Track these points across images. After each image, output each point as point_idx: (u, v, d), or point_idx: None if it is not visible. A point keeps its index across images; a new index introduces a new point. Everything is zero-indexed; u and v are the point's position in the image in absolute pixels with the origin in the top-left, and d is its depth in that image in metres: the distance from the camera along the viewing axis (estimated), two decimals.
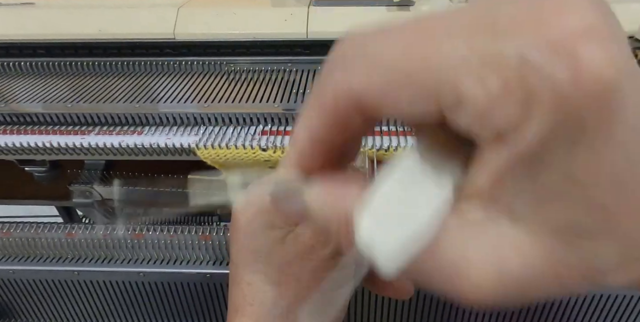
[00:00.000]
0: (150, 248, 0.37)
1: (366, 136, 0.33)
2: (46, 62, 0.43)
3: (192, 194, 0.25)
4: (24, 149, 0.33)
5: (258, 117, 0.34)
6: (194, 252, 0.37)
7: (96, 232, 0.38)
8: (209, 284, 0.38)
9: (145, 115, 0.35)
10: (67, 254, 0.38)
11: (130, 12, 0.43)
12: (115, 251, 0.38)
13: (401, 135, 0.33)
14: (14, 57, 0.45)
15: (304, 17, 0.41)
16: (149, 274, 0.37)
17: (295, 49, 0.43)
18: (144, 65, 0.42)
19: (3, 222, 0.39)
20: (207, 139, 0.33)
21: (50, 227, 0.38)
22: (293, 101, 0.35)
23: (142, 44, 0.43)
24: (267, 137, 0.33)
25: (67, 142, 0.33)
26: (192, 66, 0.42)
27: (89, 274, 0.37)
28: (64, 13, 0.43)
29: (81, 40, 0.43)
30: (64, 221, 0.57)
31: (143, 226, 0.37)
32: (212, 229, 0.37)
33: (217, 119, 0.34)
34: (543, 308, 0.36)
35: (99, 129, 0.35)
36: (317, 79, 0.39)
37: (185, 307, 0.40)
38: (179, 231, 0.37)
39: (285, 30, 0.41)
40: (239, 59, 0.43)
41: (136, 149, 0.33)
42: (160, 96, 0.37)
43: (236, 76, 0.41)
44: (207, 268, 0.36)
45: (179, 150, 0.33)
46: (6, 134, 0.35)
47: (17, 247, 0.38)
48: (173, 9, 0.43)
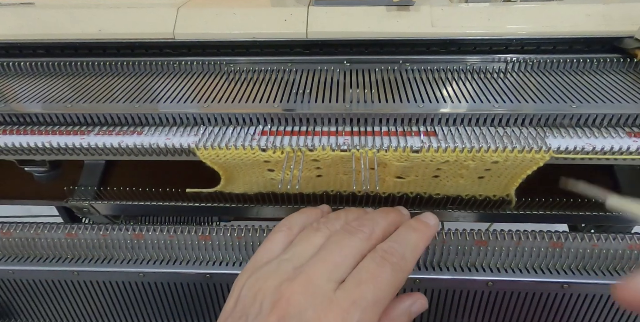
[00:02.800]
0: (150, 248, 0.37)
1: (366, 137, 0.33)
2: (46, 62, 0.43)
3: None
4: (24, 149, 0.33)
5: (258, 117, 0.34)
6: (194, 252, 0.37)
7: (96, 232, 0.38)
8: (209, 284, 0.38)
9: (145, 115, 0.35)
10: (67, 254, 0.38)
11: (130, 12, 0.43)
12: (115, 251, 0.38)
13: (401, 136, 0.33)
14: (14, 57, 0.45)
15: (304, 17, 0.41)
16: (149, 274, 0.37)
17: (295, 49, 0.43)
18: (144, 65, 0.42)
19: (3, 222, 0.39)
20: (207, 140, 0.33)
21: (50, 228, 0.38)
22: (293, 101, 0.35)
23: (142, 44, 0.43)
24: (267, 138, 0.33)
25: (67, 142, 0.33)
26: (192, 66, 0.42)
27: (89, 274, 0.38)
28: (64, 13, 0.43)
29: (81, 41, 0.43)
30: (64, 221, 0.57)
31: (143, 227, 0.38)
32: (212, 229, 0.37)
33: (217, 119, 0.34)
34: (543, 309, 0.36)
35: (99, 130, 0.35)
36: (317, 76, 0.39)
37: (185, 308, 0.40)
38: (179, 232, 0.37)
39: (285, 31, 0.41)
40: (239, 59, 0.43)
41: (136, 149, 0.33)
42: (160, 96, 0.37)
43: (236, 76, 0.41)
44: (207, 268, 0.37)
45: (178, 151, 0.33)
46: (6, 134, 0.35)
47: (17, 248, 0.38)
48: (173, 9, 0.43)
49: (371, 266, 0.26)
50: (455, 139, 0.32)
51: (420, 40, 0.41)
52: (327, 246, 0.29)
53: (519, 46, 0.41)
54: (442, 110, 0.33)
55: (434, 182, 0.35)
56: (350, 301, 0.25)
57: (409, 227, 0.29)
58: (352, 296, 0.25)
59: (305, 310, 0.25)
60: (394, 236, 0.29)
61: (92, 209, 0.42)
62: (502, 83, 0.38)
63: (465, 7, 0.42)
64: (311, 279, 0.26)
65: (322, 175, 0.35)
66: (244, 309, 0.26)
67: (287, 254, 0.29)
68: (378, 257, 0.27)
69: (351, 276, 0.26)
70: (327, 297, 0.25)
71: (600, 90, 0.36)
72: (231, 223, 0.43)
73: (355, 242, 0.28)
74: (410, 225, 0.30)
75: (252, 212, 0.42)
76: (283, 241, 0.31)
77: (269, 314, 0.25)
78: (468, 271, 0.35)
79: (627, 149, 0.30)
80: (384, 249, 0.27)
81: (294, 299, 0.25)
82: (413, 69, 0.41)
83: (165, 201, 0.41)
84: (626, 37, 0.40)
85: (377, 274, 0.26)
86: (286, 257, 0.29)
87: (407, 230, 0.29)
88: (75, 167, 0.44)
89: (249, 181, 0.37)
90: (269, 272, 0.27)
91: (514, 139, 0.32)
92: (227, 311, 0.27)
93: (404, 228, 0.29)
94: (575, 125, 0.33)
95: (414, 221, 0.30)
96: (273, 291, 0.26)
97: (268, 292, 0.26)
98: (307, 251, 0.29)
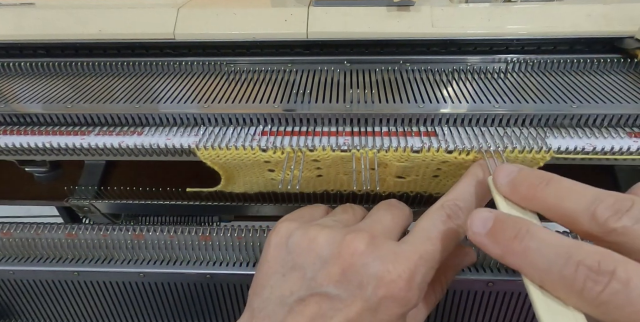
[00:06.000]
0: (151, 248, 0.37)
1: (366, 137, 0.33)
2: (46, 63, 0.43)
3: None
4: (24, 149, 0.33)
5: (258, 117, 0.34)
6: (194, 252, 0.37)
7: (96, 232, 0.38)
8: (209, 284, 0.38)
9: (145, 115, 0.35)
10: (67, 254, 0.38)
11: (130, 12, 0.43)
12: (115, 251, 0.38)
13: (401, 136, 0.33)
14: (14, 57, 0.45)
15: (304, 17, 0.41)
16: (149, 274, 0.37)
17: (295, 49, 0.43)
18: (144, 65, 0.42)
19: (3, 223, 0.39)
20: (207, 140, 0.33)
21: (50, 228, 0.38)
22: (293, 101, 0.35)
23: (142, 44, 0.43)
24: (267, 138, 0.33)
25: (67, 142, 0.33)
26: (192, 66, 0.42)
27: (89, 274, 0.38)
28: (64, 13, 0.43)
29: (81, 41, 0.43)
30: (64, 221, 0.57)
31: (143, 227, 0.38)
32: (212, 229, 0.37)
33: (217, 119, 0.34)
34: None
35: (99, 130, 0.35)
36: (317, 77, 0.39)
37: (185, 308, 0.40)
38: (179, 231, 0.37)
39: (285, 31, 0.41)
40: (239, 59, 0.43)
41: (136, 149, 0.33)
42: (160, 96, 0.37)
43: (236, 76, 0.41)
44: (207, 268, 0.37)
45: (178, 151, 0.33)
46: (6, 134, 0.35)
47: (17, 248, 0.38)
48: (173, 9, 0.43)
49: (438, 224, 0.26)
50: (455, 139, 0.32)
51: (420, 40, 0.41)
52: (376, 211, 0.29)
53: (519, 46, 0.42)
54: (442, 110, 0.33)
55: (434, 181, 0.35)
56: (417, 254, 0.24)
57: (474, 178, 0.28)
58: (419, 250, 0.24)
59: (372, 261, 0.24)
60: (458, 189, 0.27)
61: (93, 207, 0.42)
62: (502, 83, 0.38)
63: (465, 7, 0.42)
64: (372, 234, 0.25)
65: (322, 175, 0.35)
66: (297, 258, 0.25)
67: (335, 217, 0.29)
68: (444, 215, 0.26)
69: (416, 231, 0.26)
70: (392, 250, 0.25)
71: (600, 90, 0.36)
72: (231, 223, 0.43)
73: (400, 213, 0.29)
74: (475, 174, 0.28)
75: (252, 211, 0.42)
76: (321, 211, 0.31)
77: (333, 264, 0.24)
78: (468, 271, 0.35)
79: (627, 149, 0.30)
80: (449, 207, 0.26)
81: (360, 250, 0.24)
82: (413, 69, 0.41)
83: (165, 200, 0.41)
84: (626, 37, 0.40)
85: (443, 232, 0.25)
86: (335, 218, 0.29)
87: (471, 181, 0.27)
88: (75, 167, 0.44)
89: (249, 181, 0.37)
90: (321, 226, 0.27)
91: (514, 139, 0.32)
92: (271, 262, 0.26)
93: (468, 178, 0.28)
94: (575, 125, 0.33)
95: (479, 169, 0.28)
96: (333, 243, 0.25)
97: (326, 244, 0.25)
98: (351, 219, 0.29)
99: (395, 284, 0.23)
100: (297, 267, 0.25)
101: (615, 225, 0.19)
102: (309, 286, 0.24)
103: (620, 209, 0.20)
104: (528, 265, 0.20)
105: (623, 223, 0.19)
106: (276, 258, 0.26)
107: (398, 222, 0.28)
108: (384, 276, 0.23)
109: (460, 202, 0.27)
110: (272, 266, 0.26)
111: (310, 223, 0.27)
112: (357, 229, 0.26)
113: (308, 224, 0.27)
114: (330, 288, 0.24)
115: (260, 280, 0.26)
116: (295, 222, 0.28)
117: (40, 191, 0.45)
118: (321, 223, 0.28)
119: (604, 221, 0.20)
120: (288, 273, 0.25)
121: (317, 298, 0.24)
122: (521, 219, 0.22)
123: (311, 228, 0.26)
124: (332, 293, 0.24)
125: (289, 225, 0.27)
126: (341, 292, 0.24)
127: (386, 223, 0.28)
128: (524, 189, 0.23)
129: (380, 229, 0.27)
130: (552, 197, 0.22)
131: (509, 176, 0.24)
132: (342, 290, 0.24)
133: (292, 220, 0.28)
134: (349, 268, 0.24)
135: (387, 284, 0.23)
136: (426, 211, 0.27)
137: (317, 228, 0.26)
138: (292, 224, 0.27)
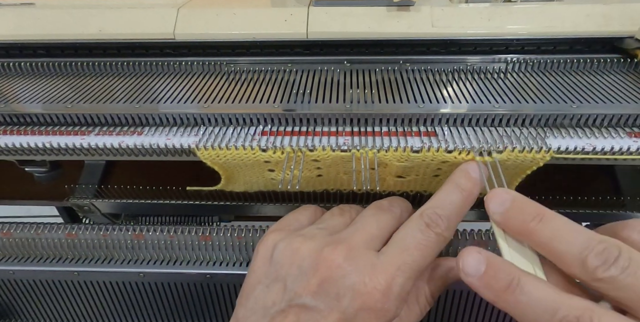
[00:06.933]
0: (150, 248, 0.37)
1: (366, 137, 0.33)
2: (46, 63, 0.43)
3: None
4: (24, 149, 0.33)
5: (258, 117, 0.34)
6: (194, 252, 0.37)
7: (96, 232, 0.38)
8: (209, 284, 0.38)
9: (145, 115, 0.35)
10: (67, 254, 0.38)
11: (130, 12, 0.43)
12: (115, 251, 0.38)
13: (401, 136, 0.33)
14: (14, 57, 0.45)
15: (304, 17, 0.41)
16: (149, 274, 0.37)
17: (295, 49, 0.43)
18: (144, 65, 0.42)
19: (3, 223, 0.39)
20: (207, 140, 0.33)
21: (50, 228, 0.38)
22: (293, 101, 0.35)
23: (142, 44, 0.43)
24: (267, 138, 0.33)
25: (67, 142, 0.33)
26: (192, 66, 0.42)
27: (89, 274, 0.38)
28: (64, 13, 0.43)
29: (81, 41, 0.43)
30: (64, 221, 0.57)
31: (143, 227, 0.38)
32: (212, 229, 0.37)
33: (217, 119, 0.34)
34: None
35: (99, 130, 0.35)
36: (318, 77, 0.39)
37: (185, 308, 0.40)
38: (179, 231, 0.37)
39: (285, 31, 0.41)
40: (239, 59, 0.43)
41: (136, 149, 0.33)
42: (160, 96, 0.37)
43: (236, 76, 0.41)
44: (207, 268, 0.37)
45: (178, 151, 0.33)
46: (6, 134, 0.35)
47: (17, 248, 0.38)
48: (173, 9, 0.43)
49: (416, 233, 0.26)
50: (455, 138, 0.32)
51: (420, 40, 0.41)
52: (362, 218, 0.29)
53: (519, 46, 0.42)
54: (442, 110, 0.33)
55: (434, 181, 0.35)
56: (395, 266, 0.25)
57: (455, 186, 0.28)
58: (396, 261, 0.25)
59: (349, 273, 0.24)
60: (439, 197, 0.28)
61: (93, 207, 0.42)
62: (502, 83, 0.38)
63: (465, 7, 0.42)
64: (352, 245, 0.26)
65: (322, 174, 0.35)
66: (280, 269, 0.26)
67: (321, 224, 0.29)
68: (423, 224, 0.26)
69: (394, 241, 0.26)
70: (370, 261, 0.25)
71: (600, 90, 0.36)
72: (231, 223, 0.43)
73: (387, 217, 0.29)
74: (456, 183, 0.28)
75: (252, 211, 0.42)
76: (309, 216, 0.31)
77: (312, 276, 0.25)
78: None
79: (627, 149, 0.30)
80: (428, 216, 0.27)
81: (337, 263, 0.25)
82: (413, 69, 0.41)
83: (165, 199, 0.41)
84: (626, 37, 0.40)
85: (421, 242, 0.26)
86: (321, 226, 0.29)
87: (453, 189, 0.28)
88: (75, 167, 0.44)
89: (249, 181, 0.37)
90: (306, 236, 0.27)
91: (514, 139, 0.32)
92: (257, 272, 0.27)
93: (450, 186, 0.28)
94: (575, 125, 0.33)
95: (462, 177, 0.28)
96: (313, 254, 0.25)
97: (307, 255, 0.26)
98: (339, 224, 0.29)
99: (371, 295, 0.24)
100: (279, 279, 0.26)
101: (603, 275, 0.21)
102: (289, 297, 0.25)
103: (608, 259, 0.21)
104: (519, 315, 0.23)
105: (610, 273, 0.21)
106: (261, 269, 0.27)
107: (383, 228, 0.28)
108: (360, 288, 0.24)
109: (440, 210, 0.27)
110: (258, 276, 0.27)
111: (295, 233, 0.28)
112: (337, 241, 0.26)
113: (293, 235, 0.28)
114: (308, 299, 0.24)
115: (246, 290, 0.27)
116: (281, 232, 0.29)
117: (40, 191, 0.45)
118: (306, 233, 0.28)
119: (592, 270, 0.21)
120: (271, 284, 0.26)
121: (296, 309, 0.24)
122: (513, 267, 0.23)
123: (295, 239, 0.27)
124: (310, 304, 0.24)
125: (275, 236, 0.28)
126: (319, 304, 0.24)
127: (369, 231, 0.28)
128: (517, 224, 0.24)
129: (361, 239, 0.27)
130: (544, 236, 0.23)
131: (502, 205, 0.25)
132: (319, 301, 0.24)
133: (279, 230, 0.29)
134: (326, 280, 0.24)
135: (363, 296, 0.24)
136: (407, 220, 0.28)
137: (300, 239, 0.27)
138: (278, 235, 0.28)
